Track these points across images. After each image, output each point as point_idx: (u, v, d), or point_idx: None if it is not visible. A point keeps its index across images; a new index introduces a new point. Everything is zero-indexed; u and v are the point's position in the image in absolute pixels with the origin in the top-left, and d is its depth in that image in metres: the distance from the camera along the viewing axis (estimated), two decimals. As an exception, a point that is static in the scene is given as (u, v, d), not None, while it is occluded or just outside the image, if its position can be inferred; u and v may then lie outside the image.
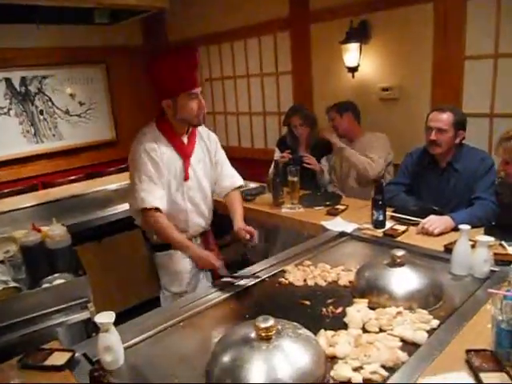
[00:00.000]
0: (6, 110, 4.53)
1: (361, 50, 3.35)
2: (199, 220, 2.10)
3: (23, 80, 4.61)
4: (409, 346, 1.26)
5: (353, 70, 3.43)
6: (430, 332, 1.31)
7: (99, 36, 4.93)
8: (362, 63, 3.40)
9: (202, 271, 2.06)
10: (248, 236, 1.95)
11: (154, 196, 1.87)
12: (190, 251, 1.92)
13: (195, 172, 2.04)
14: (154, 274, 2.11)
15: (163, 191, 1.92)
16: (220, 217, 2.30)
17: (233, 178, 2.23)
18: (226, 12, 4.43)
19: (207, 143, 2.13)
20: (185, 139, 2.01)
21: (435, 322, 1.35)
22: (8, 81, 4.51)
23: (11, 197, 3.60)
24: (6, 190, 3.89)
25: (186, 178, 2.00)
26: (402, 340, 1.28)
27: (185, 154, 1.99)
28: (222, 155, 2.23)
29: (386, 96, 3.32)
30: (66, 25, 4.16)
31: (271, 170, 3.21)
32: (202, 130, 2.13)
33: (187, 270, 2.01)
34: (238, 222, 2.04)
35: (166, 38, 5.34)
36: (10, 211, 3.00)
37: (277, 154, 3.25)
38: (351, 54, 3.36)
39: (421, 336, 1.28)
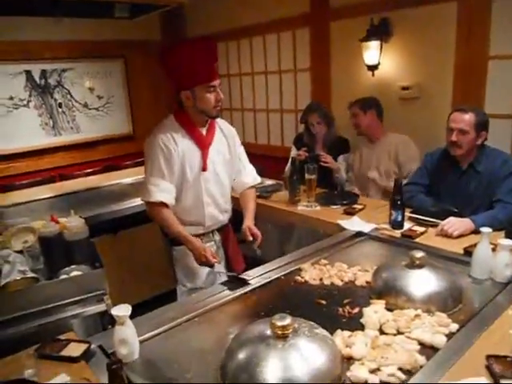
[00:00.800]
0: (25, 102, 4.58)
1: (381, 47, 3.30)
2: (216, 213, 2.07)
3: (43, 73, 4.67)
4: (427, 349, 1.24)
5: (373, 68, 3.39)
6: (449, 336, 1.28)
7: (118, 30, 4.96)
8: (382, 61, 3.35)
9: (220, 267, 2.03)
10: (251, 238, 1.93)
11: (161, 190, 1.87)
12: (188, 244, 1.88)
13: (214, 164, 2.01)
14: (169, 268, 2.10)
15: (172, 186, 1.91)
16: (238, 212, 2.28)
17: (251, 176, 2.21)
18: (245, 8, 4.42)
19: (227, 137, 2.10)
20: (203, 131, 1.99)
21: (454, 326, 1.32)
22: (28, 73, 4.56)
23: (29, 188, 3.65)
24: (24, 181, 3.96)
25: (204, 169, 1.97)
26: (420, 343, 1.25)
27: (203, 144, 1.97)
28: (242, 151, 2.20)
29: (406, 95, 3.27)
30: (87, 18, 4.18)
31: (288, 167, 3.19)
32: (221, 123, 2.11)
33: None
34: (248, 220, 2.02)
35: (185, 34, 5.35)
36: (28, 202, 3.04)
37: (293, 152, 3.24)
38: (371, 51, 3.32)
39: (439, 340, 1.25)
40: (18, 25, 4.27)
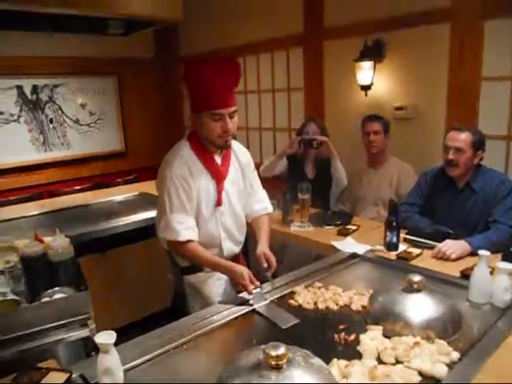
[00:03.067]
0: (16, 118, 4.53)
1: (374, 68, 3.31)
2: (232, 246, 1.95)
3: (35, 88, 4.63)
4: (428, 380, 1.18)
5: (366, 88, 3.39)
6: (450, 365, 1.22)
7: (112, 47, 4.95)
8: (375, 82, 3.36)
9: (233, 291, 1.92)
10: (266, 265, 1.80)
11: (187, 227, 1.73)
12: (223, 269, 1.74)
13: (228, 196, 1.88)
14: (160, 291, 2.01)
15: (194, 220, 1.78)
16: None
17: (264, 203, 2.08)
18: (239, 27, 4.43)
19: (242, 164, 1.96)
20: (219, 159, 1.85)
21: (455, 355, 1.27)
22: (19, 88, 4.52)
23: (16, 204, 3.57)
24: (11, 198, 3.87)
25: (219, 204, 1.85)
26: (421, 373, 1.19)
27: (219, 176, 1.83)
28: (255, 176, 2.07)
29: (400, 115, 3.27)
30: (80, 34, 4.17)
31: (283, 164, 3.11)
32: (237, 148, 1.98)
33: (219, 293, 1.88)
34: (263, 246, 1.86)
35: (178, 52, 5.35)
36: (13, 219, 2.97)
37: (281, 164, 3.13)
38: (365, 72, 3.32)
39: (441, 370, 1.19)
40: (10, 39, 4.24)
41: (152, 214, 2.86)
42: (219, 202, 1.84)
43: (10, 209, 3.39)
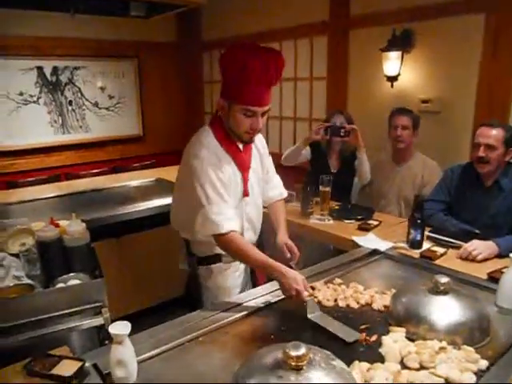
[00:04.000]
0: (35, 99, 4.53)
1: (402, 58, 3.20)
2: (252, 237, 1.89)
3: (55, 70, 4.61)
4: (454, 388, 1.11)
5: (392, 79, 3.29)
6: (478, 374, 1.16)
7: (133, 30, 4.91)
8: (402, 73, 3.25)
9: (249, 283, 1.88)
10: (289, 255, 1.76)
11: (228, 217, 1.61)
12: (276, 273, 1.52)
13: (252, 187, 1.81)
14: (174, 279, 1.98)
15: (233, 210, 1.67)
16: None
17: (279, 188, 2.02)
18: (262, 13, 4.34)
19: (259, 148, 1.88)
20: (240, 145, 1.75)
21: (484, 363, 1.20)
22: (40, 69, 4.51)
23: (33, 186, 3.58)
24: (29, 179, 3.88)
25: (246, 194, 1.77)
26: (447, 381, 1.13)
27: (244, 166, 1.75)
28: (271, 161, 2.00)
29: (426, 108, 3.16)
30: (101, 16, 4.12)
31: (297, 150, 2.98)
32: None
33: (237, 284, 1.83)
34: (283, 236, 1.83)
35: (200, 37, 5.28)
36: (30, 201, 2.96)
37: (304, 152, 3.03)
38: (392, 62, 3.22)
39: (469, 378, 1.13)
40: (31, 20, 4.23)
41: (168, 200, 2.83)
42: (246, 192, 1.77)
43: (28, 190, 3.39)
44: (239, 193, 1.75)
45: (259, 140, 1.91)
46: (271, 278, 1.61)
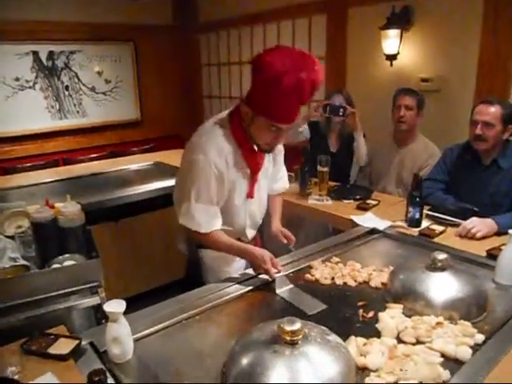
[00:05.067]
0: (31, 84, 4.48)
1: (401, 37, 3.15)
2: (253, 232, 1.89)
3: (51, 54, 4.55)
4: (450, 362, 1.11)
5: (391, 57, 3.24)
6: (475, 348, 1.16)
7: (129, 13, 4.84)
8: (401, 51, 3.21)
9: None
10: (285, 241, 1.79)
11: (212, 217, 1.61)
12: (245, 255, 1.64)
13: (259, 188, 1.77)
14: (173, 262, 1.97)
15: (217, 208, 1.65)
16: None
17: (283, 181, 1.99)
18: (260, -8, 4.27)
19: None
20: (255, 147, 1.65)
21: (480, 337, 1.20)
22: (35, 54, 4.45)
23: (32, 171, 3.57)
24: (27, 164, 3.87)
25: (251, 196, 1.73)
26: (443, 355, 1.13)
27: (255, 168, 1.69)
28: (282, 157, 1.93)
29: (426, 87, 3.11)
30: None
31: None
32: None
33: (237, 268, 1.81)
34: (276, 223, 1.87)
35: (197, 19, 5.21)
36: (27, 186, 2.95)
37: (304, 131, 2.97)
38: (391, 40, 3.17)
39: (465, 352, 1.13)
40: (26, 4, 4.16)
41: (167, 183, 2.83)
42: (251, 194, 1.73)
43: (26, 175, 3.38)
44: (243, 193, 1.71)
45: None
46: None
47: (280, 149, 1.88)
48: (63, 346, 1.17)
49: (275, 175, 1.94)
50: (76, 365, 1.12)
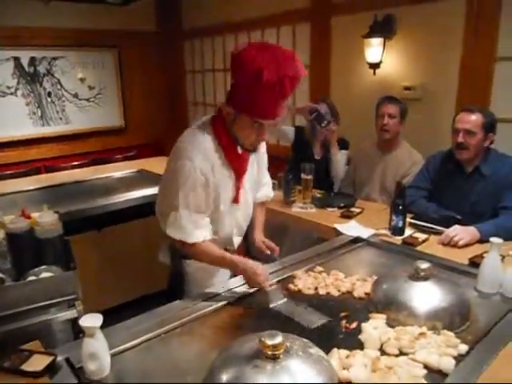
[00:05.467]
0: (13, 90, 4.42)
1: (384, 45, 3.18)
2: (239, 239, 1.85)
3: (32, 60, 4.50)
4: (434, 374, 1.10)
5: (374, 66, 3.26)
6: (458, 359, 1.15)
7: (112, 20, 4.81)
8: (384, 60, 3.23)
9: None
10: (268, 252, 1.77)
11: (201, 227, 1.57)
12: (235, 267, 1.58)
13: (245, 193, 1.74)
14: (156, 272, 1.93)
15: (207, 218, 1.62)
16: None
17: (267, 189, 1.97)
18: (244, 0, 4.26)
19: (259, 152, 1.75)
20: (239, 148, 1.62)
21: (463, 347, 1.19)
22: (16, 60, 4.40)
23: (12, 179, 3.49)
24: (8, 172, 3.79)
25: (237, 201, 1.69)
26: (426, 366, 1.12)
27: (239, 171, 1.66)
28: (266, 161, 1.90)
29: (409, 95, 3.13)
30: (78, 4, 4.02)
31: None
32: None
33: (222, 279, 1.75)
34: (259, 234, 1.85)
35: (181, 25, 5.20)
36: (7, 194, 2.89)
37: (290, 133, 3.04)
38: (374, 49, 3.19)
39: (448, 363, 1.12)
40: (7, 9, 4.10)
41: (150, 191, 2.79)
42: (237, 199, 1.69)
43: (5, 183, 3.31)
44: (229, 198, 1.68)
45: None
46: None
47: (264, 150, 1.86)
48: (38, 363, 1.13)
49: (260, 180, 1.91)
50: (51, 382, 1.08)
